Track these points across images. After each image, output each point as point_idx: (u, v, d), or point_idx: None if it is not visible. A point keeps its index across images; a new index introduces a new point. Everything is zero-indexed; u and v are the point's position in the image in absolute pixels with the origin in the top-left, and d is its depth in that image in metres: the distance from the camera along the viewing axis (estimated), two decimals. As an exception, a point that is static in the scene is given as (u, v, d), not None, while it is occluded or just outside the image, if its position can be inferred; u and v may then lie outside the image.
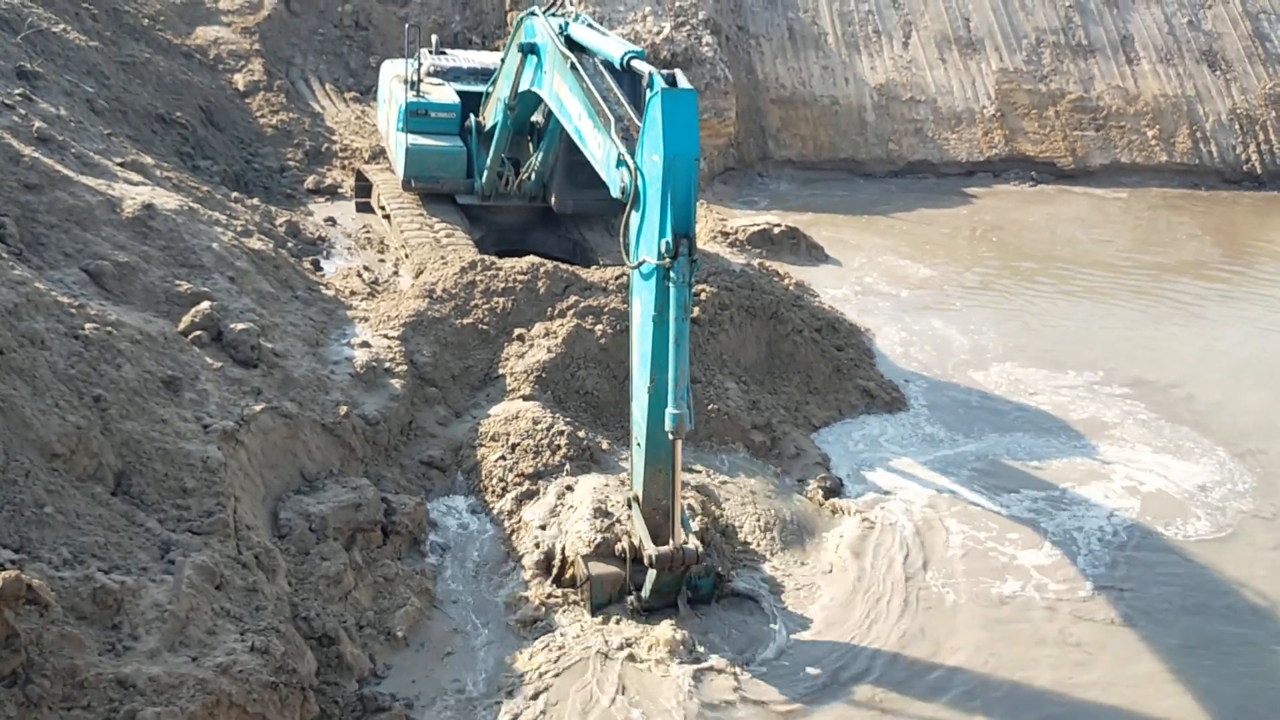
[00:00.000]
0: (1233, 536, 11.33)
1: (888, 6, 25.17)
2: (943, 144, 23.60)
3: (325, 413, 10.67)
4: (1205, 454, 12.80)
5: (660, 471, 9.23)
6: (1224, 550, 11.07)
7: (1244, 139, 24.21)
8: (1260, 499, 11.96)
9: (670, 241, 8.78)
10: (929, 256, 18.72)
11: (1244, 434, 13.23)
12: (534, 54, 12.65)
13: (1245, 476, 12.40)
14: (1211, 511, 11.68)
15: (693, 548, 9.32)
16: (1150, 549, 11.02)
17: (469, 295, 12.77)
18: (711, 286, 13.69)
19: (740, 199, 21.46)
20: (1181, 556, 10.96)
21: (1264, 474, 12.45)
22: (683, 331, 8.85)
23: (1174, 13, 25.78)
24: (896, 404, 13.82)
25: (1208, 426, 13.38)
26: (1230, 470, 12.49)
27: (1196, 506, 11.76)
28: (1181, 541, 11.19)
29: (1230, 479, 12.32)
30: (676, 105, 8.74)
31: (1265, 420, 13.67)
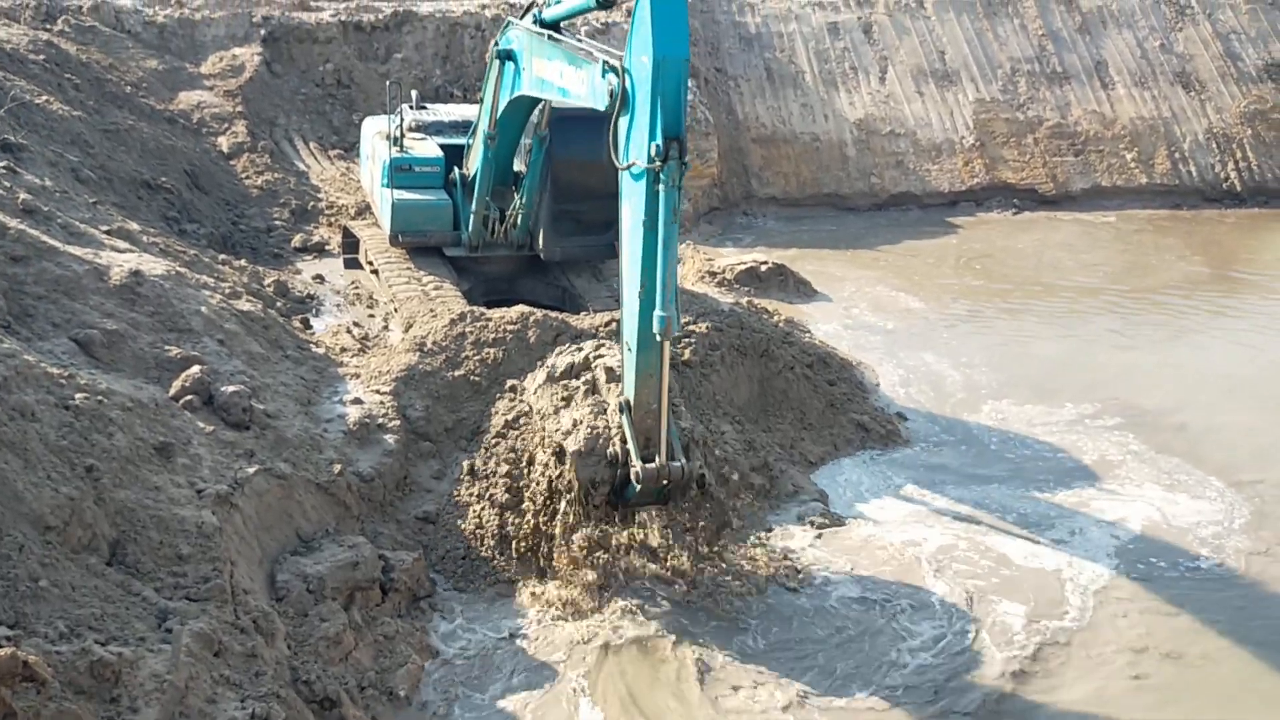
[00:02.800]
0: (1231, 574, 11.12)
1: (863, 43, 25.48)
2: (924, 175, 23.79)
3: (319, 472, 10.63)
4: (1203, 487, 12.61)
5: (651, 377, 9.26)
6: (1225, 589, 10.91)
7: (1222, 157, 24.46)
8: (1256, 533, 11.78)
9: (660, 145, 8.72)
10: (917, 288, 18.80)
11: (1238, 464, 13.07)
12: (511, 60, 12.84)
13: (1242, 508, 12.23)
14: (1208, 549, 11.49)
15: (678, 465, 9.40)
16: (1142, 588, 10.84)
17: (459, 347, 12.77)
18: (702, 326, 13.72)
19: (726, 238, 21.59)
20: (1177, 595, 10.81)
21: (1260, 507, 12.27)
22: (671, 235, 8.92)
23: (1145, 36, 26.14)
24: (892, 437, 13.82)
25: (1202, 457, 13.21)
26: (1228, 503, 12.32)
27: (1194, 544, 11.57)
28: (1177, 580, 11.00)
29: (1228, 514, 12.12)
30: (666, 5, 8.66)
31: (1259, 446, 13.53)
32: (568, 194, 14.59)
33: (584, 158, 14.19)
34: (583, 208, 14.48)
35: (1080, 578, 10.90)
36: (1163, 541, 11.62)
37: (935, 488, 12.60)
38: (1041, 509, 12.15)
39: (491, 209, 15.18)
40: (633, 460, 9.49)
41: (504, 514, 10.74)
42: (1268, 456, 13.27)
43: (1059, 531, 11.73)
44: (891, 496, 12.47)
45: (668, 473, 9.43)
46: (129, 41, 22.57)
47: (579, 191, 14.43)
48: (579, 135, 14.22)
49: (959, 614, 10.29)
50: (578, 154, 14.30)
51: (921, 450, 13.52)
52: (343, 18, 24.05)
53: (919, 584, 10.75)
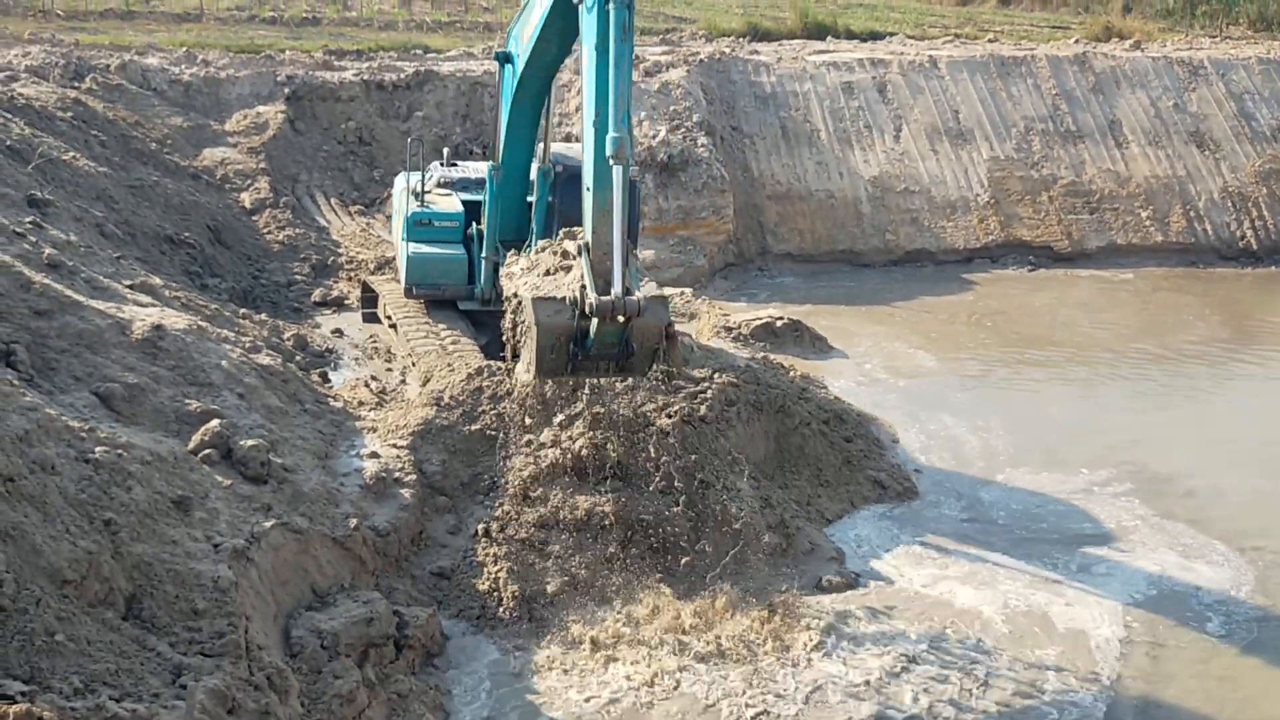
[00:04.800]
0: (1240, 645, 10.98)
1: (877, 102, 25.75)
2: (939, 232, 23.90)
3: (336, 526, 10.63)
4: (1208, 551, 12.50)
5: (608, 214, 9.02)
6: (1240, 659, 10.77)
7: (1237, 216, 24.51)
8: (1267, 599, 11.64)
9: None
10: (932, 344, 18.80)
11: (1243, 530, 12.93)
12: (509, 62, 13.10)
13: (1247, 573, 12.09)
14: (1218, 618, 11.34)
15: (635, 299, 9.01)
16: (1154, 652, 10.72)
17: (476, 401, 12.81)
18: (717, 381, 13.73)
19: (742, 293, 21.67)
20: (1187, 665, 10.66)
21: (1263, 572, 12.13)
22: (623, 54, 8.83)
23: (1159, 96, 26.34)
24: (908, 494, 13.76)
25: (1208, 522, 13.08)
26: (1234, 569, 12.18)
27: (1205, 613, 11.43)
28: (1184, 649, 10.86)
29: (1234, 580, 11.98)
30: None
31: (1263, 511, 13.40)
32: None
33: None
34: None
35: (1093, 642, 10.76)
36: (1169, 606, 11.46)
37: (953, 547, 12.49)
38: (1052, 573, 11.99)
39: (501, 255, 15.21)
40: (587, 293, 9.07)
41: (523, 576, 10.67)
42: (1270, 522, 13.12)
43: (1068, 595, 11.57)
44: (908, 554, 12.37)
45: (623, 307, 8.93)
46: (155, 99, 23.00)
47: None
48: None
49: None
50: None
51: (938, 508, 13.44)
52: (365, 77, 24.47)
53: (940, 643, 10.63)
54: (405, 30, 30.61)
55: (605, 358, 9.53)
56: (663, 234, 21.76)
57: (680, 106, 23.91)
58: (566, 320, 9.34)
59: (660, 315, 9.67)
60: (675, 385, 10.61)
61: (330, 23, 32.30)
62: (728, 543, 11.98)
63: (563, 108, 23.99)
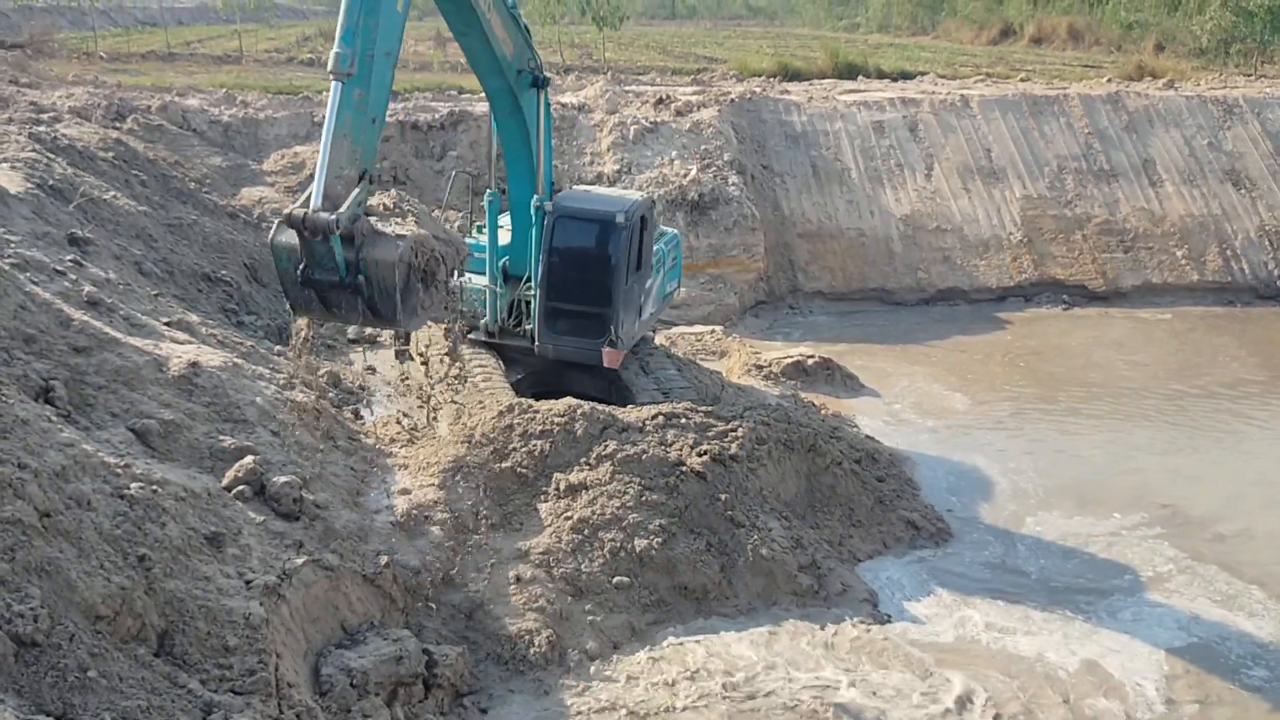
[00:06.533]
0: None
1: (908, 141, 25.76)
2: (972, 271, 23.79)
3: (366, 563, 10.63)
4: (1253, 603, 12.23)
5: (345, 138, 9.36)
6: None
7: (1275, 255, 24.24)
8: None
9: None
10: (966, 384, 18.64)
11: (1275, 574, 12.69)
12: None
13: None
14: (1260, 669, 11.08)
15: (326, 216, 9.24)
16: (1198, 711, 10.45)
17: (507, 439, 12.83)
18: (749, 421, 13.69)
19: (775, 332, 21.63)
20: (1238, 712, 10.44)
21: None
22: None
23: (1193, 135, 26.19)
24: (942, 535, 13.60)
25: (1239, 567, 12.85)
26: (1278, 620, 11.91)
27: (1247, 662, 11.17)
28: (1228, 703, 10.59)
29: (1278, 632, 11.69)
30: None
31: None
32: (561, 291, 14.60)
33: (581, 257, 14.43)
34: (575, 308, 14.55)
35: (1134, 695, 10.54)
36: (1210, 656, 11.22)
37: (987, 593, 12.31)
38: (1088, 622, 11.79)
39: (502, 288, 15.30)
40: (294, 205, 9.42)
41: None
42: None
43: (1106, 644, 11.36)
44: (941, 599, 12.19)
45: (312, 221, 9.26)
46: (195, 139, 23.41)
47: (573, 291, 14.50)
48: (578, 234, 14.42)
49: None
50: (575, 252, 14.46)
51: (971, 552, 13.25)
52: (400, 117, 24.81)
53: (973, 689, 10.45)
54: (440, 71, 31.07)
55: (332, 287, 9.88)
56: (694, 272, 21.82)
57: (711, 145, 24.04)
58: (291, 240, 9.78)
59: (389, 250, 9.81)
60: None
61: (366, 64, 32.78)
62: (759, 584, 11.90)
63: (594, 146, 24.19)
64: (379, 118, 10.28)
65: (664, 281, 16.50)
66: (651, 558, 11.74)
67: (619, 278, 14.33)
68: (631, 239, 14.44)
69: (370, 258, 9.87)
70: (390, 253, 9.94)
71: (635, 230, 14.58)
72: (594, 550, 11.70)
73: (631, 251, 14.57)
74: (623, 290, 14.43)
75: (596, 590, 11.37)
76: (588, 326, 14.54)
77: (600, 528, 11.90)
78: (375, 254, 9.85)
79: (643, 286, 15.28)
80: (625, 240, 14.24)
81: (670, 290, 17.19)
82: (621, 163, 23.53)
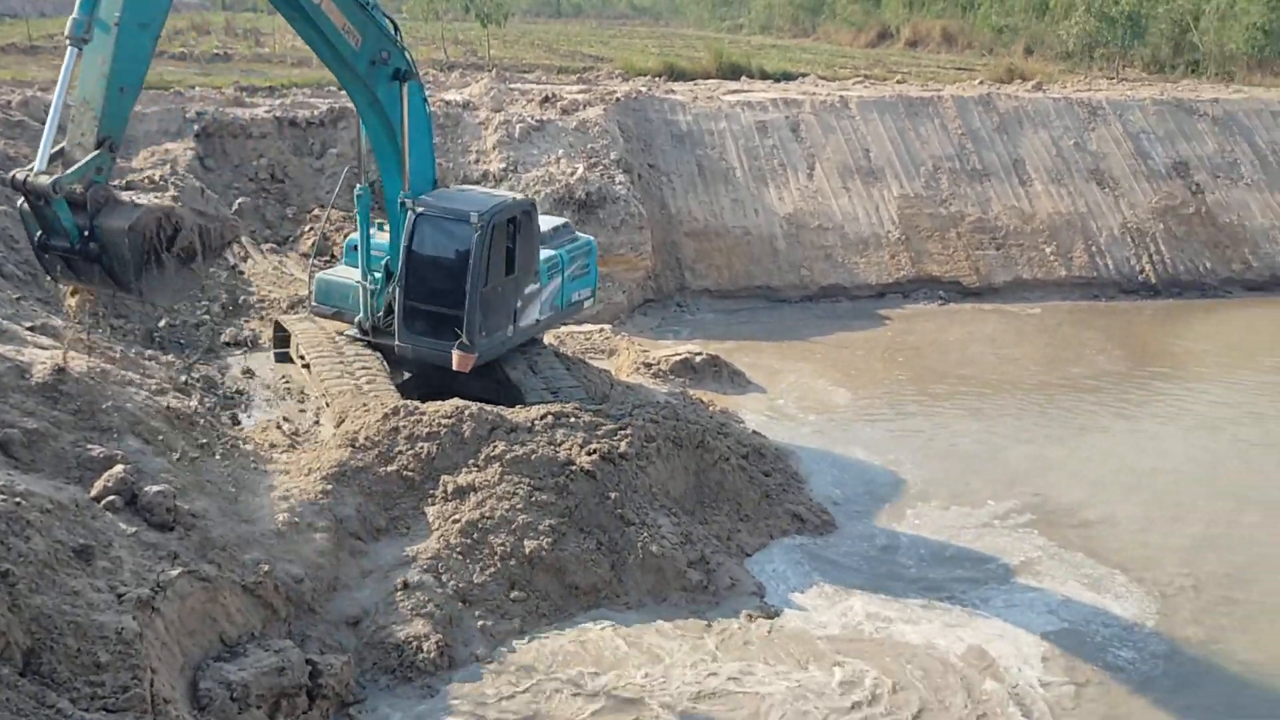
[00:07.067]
0: (1152, 675, 11.22)
1: (791, 141, 26.23)
2: (852, 268, 24.35)
3: (246, 573, 10.35)
4: (1118, 586, 12.77)
5: (87, 105, 9.70)
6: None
7: (1136, 251, 25.42)
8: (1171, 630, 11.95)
9: None
10: (848, 380, 19.07)
11: (1139, 559, 13.29)
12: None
13: (1149, 604, 12.38)
14: (1127, 650, 11.59)
15: (45, 180, 9.52)
16: (1073, 692, 10.86)
17: (392, 442, 12.64)
18: (637, 419, 13.75)
19: (665, 330, 21.77)
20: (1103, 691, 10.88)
21: (1168, 604, 12.44)
22: None
23: (1060, 136, 27.28)
24: (826, 527, 13.90)
25: (1109, 555, 13.38)
26: (1141, 602, 12.45)
27: (1114, 644, 11.68)
28: (1102, 684, 11.03)
29: (1142, 613, 12.22)
30: None
31: (1151, 540, 13.80)
32: (418, 291, 14.37)
33: (439, 257, 14.19)
34: (432, 309, 14.29)
35: (1010, 677, 10.94)
36: (1081, 640, 11.69)
37: (868, 583, 12.62)
38: (964, 608, 12.16)
39: (376, 283, 15.10)
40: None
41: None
42: (1159, 551, 13.52)
43: (985, 628, 11.75)
44: (824, 590, 12.45)
45: (33, 187, 9.57)
46: (59, 136, 22.41)
47: (430, 291, 14.27)
48: (437, 234, 14.18)
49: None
50: (433, 252, 14.24)
51: (853, 543, 13.57)
52: (278, 114, 24.18)
53: (854, 675, 10.71)
54: (319, 67, 30.31)
55: (69, 253, 9.99)
56: (581, 271, 21.79)
57: (598, 144, 24.08)
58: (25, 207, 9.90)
59: (121, 217, 9.95)
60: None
61: (242, 59, 31.92)
62: (649, 581, 11.98)
63: (479, 144, 24.00)
64: (129, 87, 10.19)
65: (564, 288, 16.08)
66: (541, 558, 11.72)
67: (474, 280, 13.92)
68: (490, 241, 14.00)
69: (103, 225, 9.91)
70: (121, 220, 9.94)
71: (497, 232, 14.13)
72: (484, 553, 11.62)
73: (493, 254, 14.14)
74: (480, 293, 14.02)
75: (487, 596, 11.29)
76: (445, 329, 14.18)
77: (490, 530, 11.82)
78: (107, 221, 9.91)
79: (518, 292, 14.89)
80: (483, 242, 13.85)
81: (579, 299, 16.69)
82: (508, 161, 23.38)
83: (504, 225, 14.33)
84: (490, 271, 14.21)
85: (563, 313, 16.43)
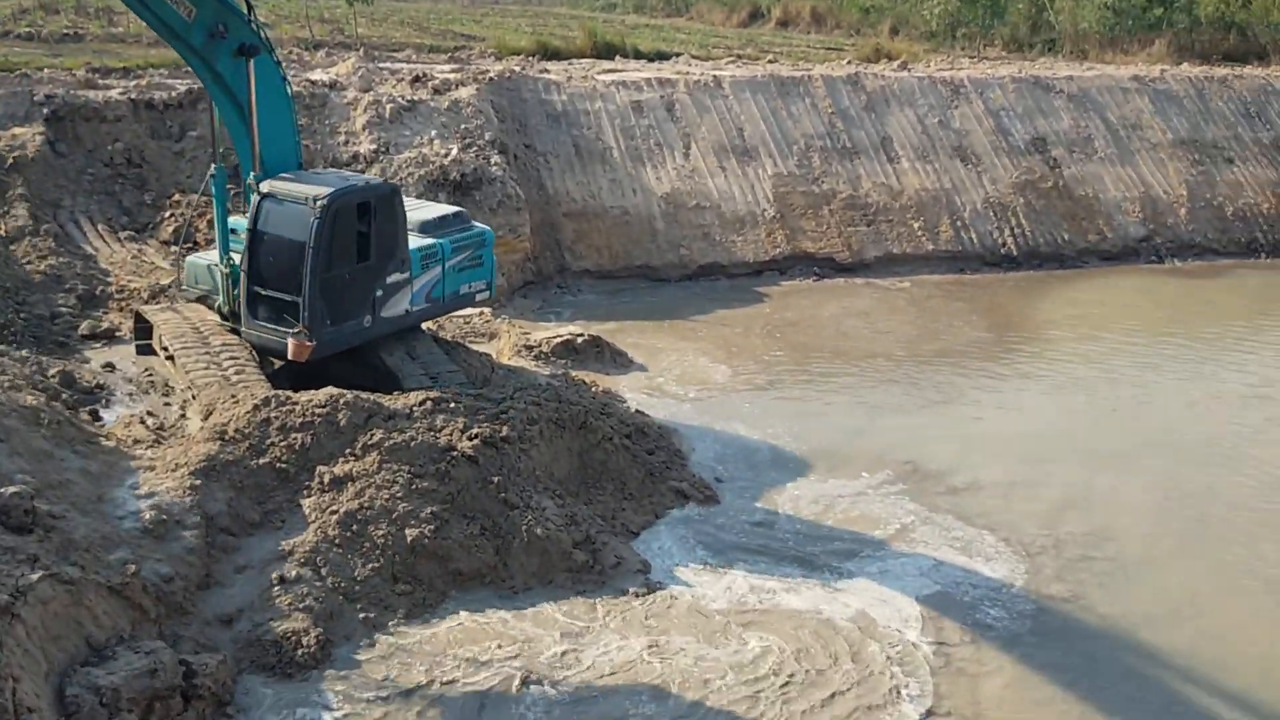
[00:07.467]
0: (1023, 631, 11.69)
1: (666, 121, 26.34)
2: (730, 246, 24.63)
3: (112, 574, 9.97)
4: (987, 548, 13.22)
5: None
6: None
7: (998, 224, 26.34)
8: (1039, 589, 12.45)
9: None
10: (729, 357, 19.32)
11: (1003, 522, 13.80)
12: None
13: (1018, 565, 12.87)
14: (996, 609, 12.04)
15: None
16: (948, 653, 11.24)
17: (264, 434, 12.29)
18: (519, 402, 13.67)
19: (543, 311, 21.66)
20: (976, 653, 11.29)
21: (1033, 563, 12.94)
22: None
23: (925, 114, 28.04)
24: (710, 502, 14.09)
25: (975, 518, 13.88)
26: (1010, 563, 12.94)
27: (983, 604, 12.12)
28: (976, 642, 11.44)
29: (1009, 574, 12.69)
30: None
31: (1016, 501, 14.39)
32: (261, 276, 14.01)
33: (281, 241, 13.78)
34: (274, 294, 13.93)
35: (891, 639, 11.30)
36: (955, 601, 12.12)
37: (752, 555, 12.84)
38: (844, 577, 12.48)
39: (231, 266, 14.64)
40: None
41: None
42: (1020, 512, 14.10)
43: (866, 594, 12.09)
44: (708, 565, 12.62)
45: None
46: (-107, 120, 21.06)
47: (273, 276, 13.90)
48: (280, 217, 13.73)
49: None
50: (275, 235, 13.81)
51: (736, 516, 13.79)
52: (133, 95, 23.15)
53: (741, 649, 10.89)
54: (177, 46, 29.16)
55: None
56: (458, 254, 21.48)
57: (472, 125, 23.76)
58: None
59: None
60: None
61: (94, 39, 30.46)
62: (535, 564, 11.95)
63: (348, 125, 23.43)
64: None
65: (447, 280, 15.59)
66: (424, 546, 11.59)
67: (312, 265, 13.47)
68: (334, 226, 13.51)
69: None
70: None
71: (342, 216, 13.63)
72: (364, 544, 11.41)
73: (338, 239, 13.66)
74: (320, 279, 13.58)
75: (370, 589, 11.10)
76: (286, 316, 13.79)
77: (369, 520, 11.61)
78: None
79: (376, 280, 14.41)
80: (322, 226, 13.37)
81: (470, 291, 16.19)
82: (378, 142, 22.88)
83: (351, 210, 13.84)
84: (335, 258, 13.74)
85: (443, 305, 15.91)
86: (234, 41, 13.27)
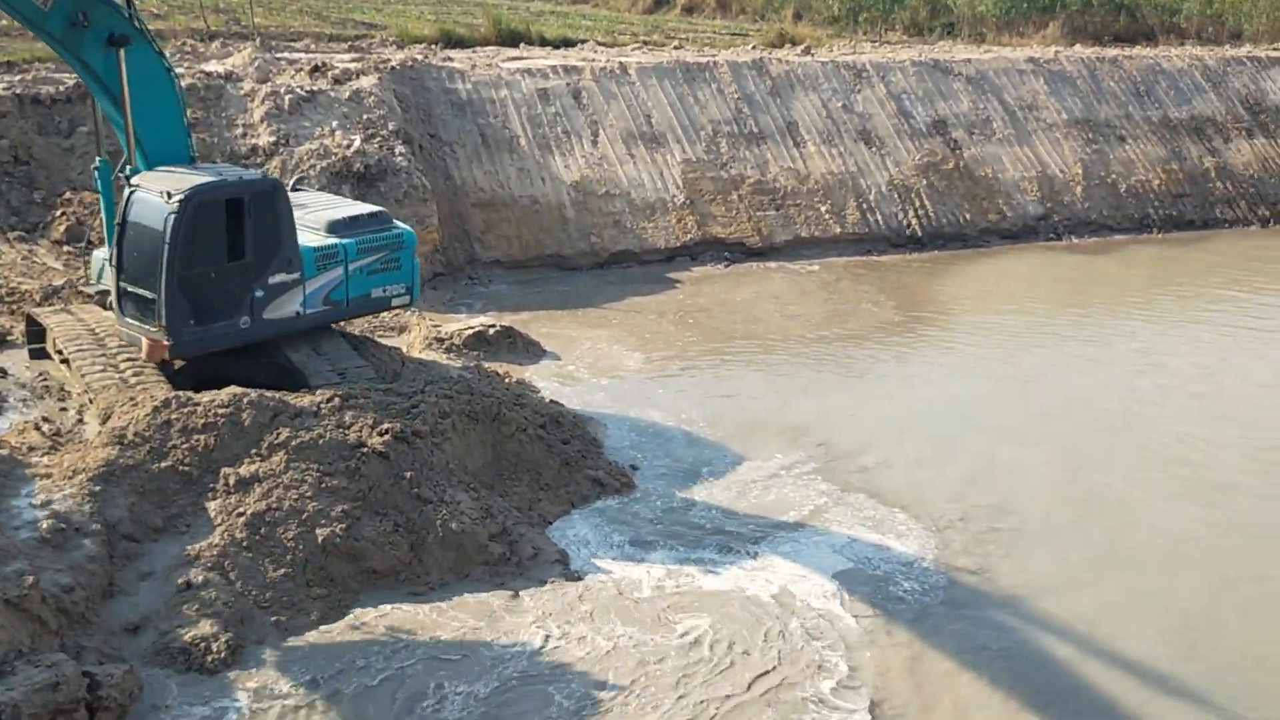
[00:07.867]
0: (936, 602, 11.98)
1: (573, 108, 26.23)
2: (641, 233, 24.65)
3: (8, 586, 9.62)
4: (899, 525, 13.49)
5: None
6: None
7: (903, 206, 26.81)
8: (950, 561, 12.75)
9: None
10: (643, 344, 19.35)
11: (913, 499, 14.10)
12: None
13: (929, 539, 13.17)
14: (909, 582, 12.32)
15: None
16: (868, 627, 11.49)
17: (165, 436, 11.96)
18: (431, 395, 13.52)
19: (459, 303, 21.44)
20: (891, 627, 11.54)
21: (942, 537, 13.25)
22: None
23: (829, 98, 28.38)
24: (626, 489, 14.12)
25: (886, 495, 14.16)
26: (921, 538, 13.24)
27: (897, 577, 12.41)
28: (893, 615, 11.69)
29: (920, 549, 12.99)
30: None
31: (924, 477, 14.70)
32: (128, 272, 13.61)
33: (145, 236, 13.36)
34: (138, 291, 13.54)
35: (809, 616, 11.48)
36: (871, 577, 12.38)
37: (670, 541, 12.91)
38: (761, 558, 12.62)
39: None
40: None
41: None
42: (929, 489, 14.41)
43: (784, 573, 12.26)
44: (626, 552, 12.66)
45: None
46: None
47: (137, 272, 13.52)
48: (144, 211, 13.31)
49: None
50: (141, 231, 13.41)
51: (652, 501, 13.85)
52: (18, 90, 22.26)
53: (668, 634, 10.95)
54: (64, 38, 28.09)
55: None
56: (365, 247, 21.11)
57: (374, 115, 23.37)
58: None
59: None
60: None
61: (-27, 31, 29.15)
62: (450, 558, 11.85)
63: (246, 118, 22.86)
64: None
65: (351, 282, 15.01)
66: (335, 545, 11.41)
67: (169, 261, 12.97)
68: (195, 222, 13.01)
69: None
70: None
71: (205, 212, 13.13)
72: (272, 545, 11.19)
73: (200, 236, 13.15)
74: (178, 276, 13.13)
75: (281, 593, 10.89)
76: (151, 313, 13.36)
77: (278, 521, 11.39)
78: None
79: (254, 280, 13.87)
80: (182, 221, 12.88)
81: (383, 295, 15.52)
82: (278, 135, 22.37)
83: (218, 206, 13.33)
84: (197, 255, 13.26)
85: (347, 308, 15.27)
86: (102, 30, 12.72)
